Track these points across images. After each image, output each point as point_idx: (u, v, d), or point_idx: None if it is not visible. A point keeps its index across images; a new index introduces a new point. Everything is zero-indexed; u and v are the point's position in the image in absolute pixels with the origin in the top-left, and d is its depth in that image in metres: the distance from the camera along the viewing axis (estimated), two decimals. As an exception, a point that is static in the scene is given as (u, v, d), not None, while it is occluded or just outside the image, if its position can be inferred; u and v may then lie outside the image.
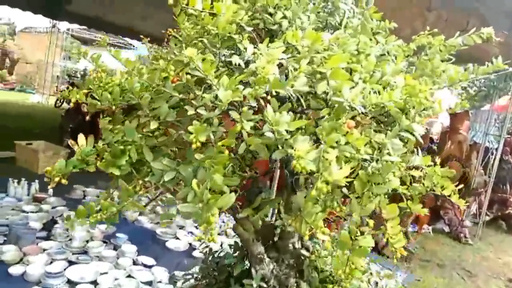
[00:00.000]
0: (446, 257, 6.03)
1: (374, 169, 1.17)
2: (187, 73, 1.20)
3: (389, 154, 1.19)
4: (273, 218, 1.85)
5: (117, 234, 4.14)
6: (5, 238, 3.82)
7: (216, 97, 1.12)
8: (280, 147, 1.07)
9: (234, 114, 1.09)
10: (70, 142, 1.24)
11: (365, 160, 1.21)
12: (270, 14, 1.55)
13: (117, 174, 1.21)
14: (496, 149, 7.51)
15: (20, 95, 18.13)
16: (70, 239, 3.97)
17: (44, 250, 3.75)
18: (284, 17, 1.54)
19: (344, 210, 1.23)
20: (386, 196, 1.23)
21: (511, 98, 7.39)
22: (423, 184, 1.53)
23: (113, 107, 1.23)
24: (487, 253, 6.63)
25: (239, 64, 1.28)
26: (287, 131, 1.10)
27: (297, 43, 1.27)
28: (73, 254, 3.75)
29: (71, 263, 3.59)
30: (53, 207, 4.77)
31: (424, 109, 1.39)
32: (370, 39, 1.56)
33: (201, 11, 1.26)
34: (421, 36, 1.62)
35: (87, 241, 3.99)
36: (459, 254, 6.34)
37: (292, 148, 1.07)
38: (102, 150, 1.18)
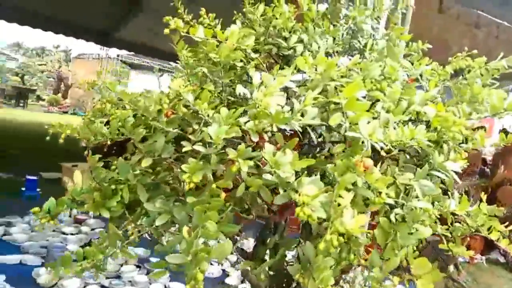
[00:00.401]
0: (501, 290, 5.46)
1: (399, 216, 0.99)
2: (184, 106, 1.09)
3: (417, 197, 1.00)
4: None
5: (151, 258, 4.09)
6: (43, 261, 3.88)
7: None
8: (282, 191, 0.92)
9: (230, 152, 0.96)
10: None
11: (388, 205, 1.03)
12: (285, 39, 1.43)
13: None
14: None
15: (73, 118, 19.18)
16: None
17: (78, 274, 3.76)
18: (300, 41, 1.41)
19: (364, 263, 1.05)
20: (415, 248, 1.03)
21: None
22: (467, 223, 1.31)
23: (108, 142, 1.13)
24: (549, 288, 5.94)
25: (244, 95, 1.15)
26: (297, 172, 0.95)
27: (309, 69, 1.13)
28: (106, 278, 3.73)
29: (103, 288, 3.57)
30: (92, 229, 4.81)
31: (462, 143, 1.19)
32: (399, 63, 1.39)
33: (203, 39, 1.15)
34: (458, 58, 1.42)
35: (121, 265, 3.96)
36: (516, 288, 5.73)
37: (297, 192, 0.91)
38: (94, 189, 1.08)
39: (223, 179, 1.00)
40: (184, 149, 1.05)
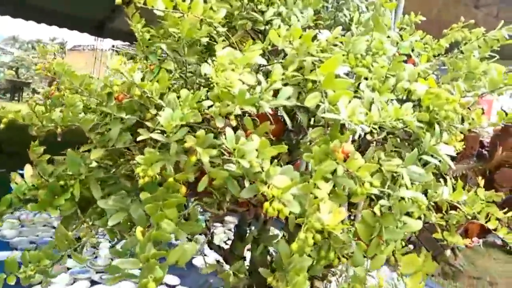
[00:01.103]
0: (499, 274, 5.38)
1: (384, 208, 0.86)
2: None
3: (405, 186, 0.87)
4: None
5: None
6: (32, 257, 3.77)
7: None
8: (247, 182, 0.79)
9: (189, 140, 0.82)
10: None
11: (374, 196, 0.90)
12: (262, 12, 1.28)
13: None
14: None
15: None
16: (96, 257, 3.87)
17: (68, 269, 3.67)
18: (278, 14, 1.26)
19: (346, 262, 0.92)
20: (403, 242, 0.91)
21: None
22: (462, 211, 1.19)
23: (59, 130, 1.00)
24: (545, 269, 5.88)
25: (206, 75, 1.02)
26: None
27: (283, 44, 0.99)
28: (96, 273, 3.63)
29: (94, 283, 3.47)
30: (81, 224, 4.71)
31: (457, 123, 1.05)
32: (388, 37, 1.25)
33: (163, 11, 1.01)
34: (454, 29, 1.27)
35: (112, 259, 3.86)
36: (513, 270, 5.66)
37: (266, 184, 0.78)
38: (40, 186, 0.95)
39: (182, 172, 0.87)
40: (139, 138, 0.91)
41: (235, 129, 0.95)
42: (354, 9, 1.40)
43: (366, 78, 1.02)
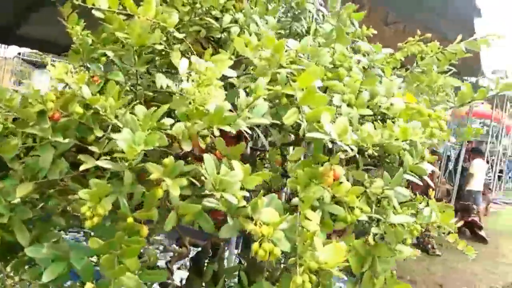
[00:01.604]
0: (415, 271, 5.77)
1: (377, 237, 0.78)
2: (87, 105, 0.76)
3: (394, 210, 0.80)
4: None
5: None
6: None
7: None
8: (230, 219, 0.65)
9: (153, 169, 0.66)
10: None
11: (360, 222, 0.81)
12: (216, 19, 1.15)
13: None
14: (458, 157, 7.45)
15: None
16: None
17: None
18: (234, 21, 1.14)
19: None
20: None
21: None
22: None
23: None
24: (455, 264, 6.44)
25: (167, 87, 0.86)
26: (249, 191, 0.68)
27: (251, 53, 0.88)
28: None
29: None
30: None
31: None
32: (349, 49, 1.20)
33: (107, 11, 0.83)
34: (409, 42, 1.27)
35: None
36: (427, 266, 6.10)
37: (252, 219, 0.65)
38: None
39: (143, 209, 0.70)
40: (82, 167, 0.72)
41: (200, 153, 0.80)
42: (309, 20, 1.34)
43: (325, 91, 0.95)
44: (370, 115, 0.90)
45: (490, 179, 8.93)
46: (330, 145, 0.81)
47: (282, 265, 1.64)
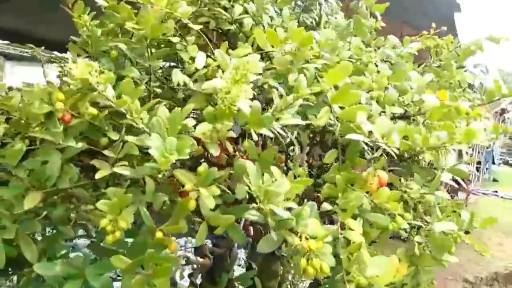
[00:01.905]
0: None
1: (421, 247, 0.73)
2: (95, 103, 0.68)
3: (437, 218, 0.75)
4: None
5: None
6: None
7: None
8: (274, 233, 0.59)
9: (184, 179, 0.59)
10: None
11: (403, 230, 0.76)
12: (225, 9, 1.07)
13: None
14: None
15: None
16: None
17: None
18: (245, 11, 1.06)
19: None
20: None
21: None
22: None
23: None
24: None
25: (184, 84, 0.78)
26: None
27: (276, 47, 0.81)
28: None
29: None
30: None
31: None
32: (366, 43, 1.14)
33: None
34: (424, 36, 1.22)
35: None
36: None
37: (295, 233, 0.59)
38: None
39: (170, 220, 0.62)
40: (98, 175, 0.64)
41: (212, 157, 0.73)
42: (318, 12, 1.27)
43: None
44: (401, 114, 0.85)
45: (469, 171, 9.11)
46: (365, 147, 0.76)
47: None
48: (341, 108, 0.78)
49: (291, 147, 0.97)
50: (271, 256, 1.20)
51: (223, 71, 0.71)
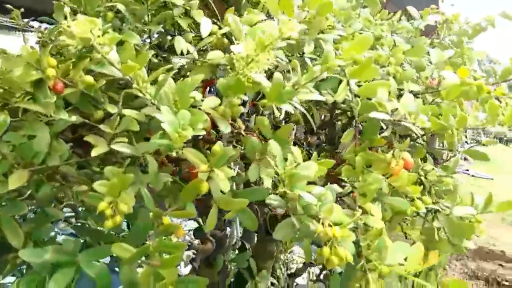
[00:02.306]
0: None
1: (440, 231, 0.69)
2: (89, 71, 0.60)
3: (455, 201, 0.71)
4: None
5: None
6: None
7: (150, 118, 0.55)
8: (295, 220, 0.53)
9: (194, 158, 0.52)
10: None
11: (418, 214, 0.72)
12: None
13: None
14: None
15: None
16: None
17: None
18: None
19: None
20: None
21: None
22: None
23: None
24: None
25: (188, 53, 0.70)
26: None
27: (289, 15, 0.73)
28: None
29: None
30: None
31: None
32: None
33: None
34: (433, 10, 1.16)
35: None
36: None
37: (318, 220, 0.54)
38: None
39: (176, 205, 0.56)
40: (94, 152, 0.57)
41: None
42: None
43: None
44: (419, 92, 0.80)
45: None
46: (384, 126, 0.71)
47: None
48: (358, 84, 0.72)
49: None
50: (266, 237, 1.16)
51: (235, 39, 0.64)
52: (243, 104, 0.75)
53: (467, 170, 9.83)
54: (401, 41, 0.88)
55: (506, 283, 3.98)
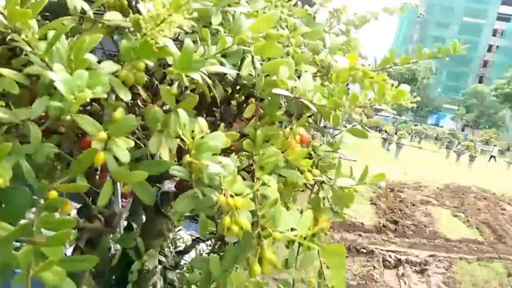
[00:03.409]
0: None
1: (325, 200, 0.75)
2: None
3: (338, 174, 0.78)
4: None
5: None
6: None
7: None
8: (199, 191, 0.52)
9: (88, 125, 0.47)
10: None
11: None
12: None
13: None
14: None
15: None
16: None
17: None
18: None
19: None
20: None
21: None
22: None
23: None
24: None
25: (81, 13, 0.62)
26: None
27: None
28: None
29: None
30: None
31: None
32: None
33: None
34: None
35: None
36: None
37: (220, 190, 0.53)
38: None
39: (63, 179, 0.50)
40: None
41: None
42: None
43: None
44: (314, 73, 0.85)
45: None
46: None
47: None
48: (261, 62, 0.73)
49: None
50: (155, 215, 1.12)
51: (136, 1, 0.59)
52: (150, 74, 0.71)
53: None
54: (301, 24, 0.91)
55: (364, 250, 4.60)
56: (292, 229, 0.59)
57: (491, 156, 21.66)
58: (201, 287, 0.64)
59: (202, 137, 0.49)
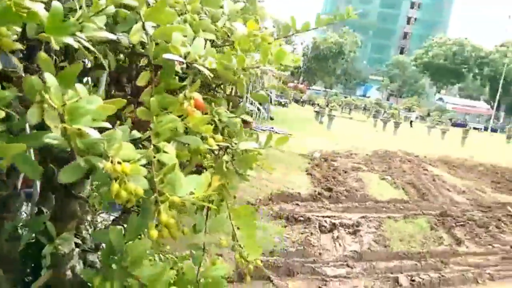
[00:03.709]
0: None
1: (228, 164, 0.77)
2: None
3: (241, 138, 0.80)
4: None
5: None
6: None
7: None
8: (80, 158, 0.51)
9: None
10: None
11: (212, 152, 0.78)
12: None
13: None
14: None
15: None
16: None
17: None
18: None
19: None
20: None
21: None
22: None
23: None
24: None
25: None
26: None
27: None
28: None
29: None
30: None
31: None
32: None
33: None
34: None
35: None
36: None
37: (105, 156, 0.52)
38: None
39: None
40: None
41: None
42: None
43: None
44: (213, 40, 0.85)
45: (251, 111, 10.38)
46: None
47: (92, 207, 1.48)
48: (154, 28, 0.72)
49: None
50: (65, 197, 1.08)
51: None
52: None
53: (272, 127, 11.25)
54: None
55: (301, 218, 4.78)
56: (191, 193, 0.60)
57: (410, 121, 23.57)
58: (103, 259, 0.63)
59: (77, 101, 0.48)
